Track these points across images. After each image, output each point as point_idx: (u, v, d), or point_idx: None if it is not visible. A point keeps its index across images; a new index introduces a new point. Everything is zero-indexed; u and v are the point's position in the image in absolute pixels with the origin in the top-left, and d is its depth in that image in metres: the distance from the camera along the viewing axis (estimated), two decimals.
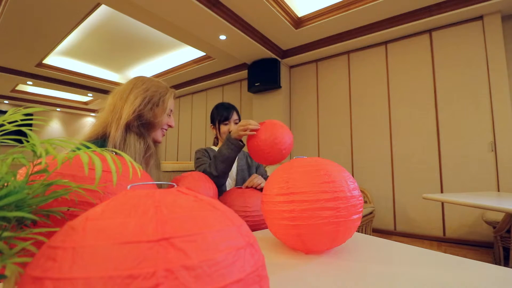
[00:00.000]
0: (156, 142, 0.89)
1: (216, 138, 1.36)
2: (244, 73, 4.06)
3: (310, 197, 0.50)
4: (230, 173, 1.21)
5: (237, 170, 1.23)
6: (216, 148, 1.30)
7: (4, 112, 4.64)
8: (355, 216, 0.52)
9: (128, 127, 0.78)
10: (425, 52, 2.81)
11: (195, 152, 1.27)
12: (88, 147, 0.30)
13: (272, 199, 0.55)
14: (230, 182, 1.21)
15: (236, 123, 1.26)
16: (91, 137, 0.78)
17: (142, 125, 0.81)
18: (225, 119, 1.24)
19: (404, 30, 2.83)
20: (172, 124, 0.91)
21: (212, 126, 1.31)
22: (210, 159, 1.19)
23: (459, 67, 2.60)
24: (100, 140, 0.77)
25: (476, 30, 2.55)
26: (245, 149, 1.31)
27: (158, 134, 0.87)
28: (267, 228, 0.83)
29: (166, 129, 0.90)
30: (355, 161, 3.19)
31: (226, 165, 1.00)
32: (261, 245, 0.62)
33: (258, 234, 0.73)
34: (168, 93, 0.86)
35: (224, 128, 1.25)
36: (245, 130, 0.93)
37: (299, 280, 0.43)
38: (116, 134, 0.75)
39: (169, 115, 0.89)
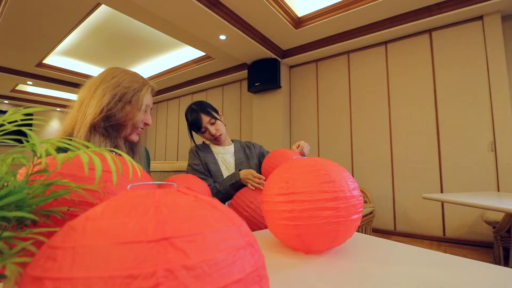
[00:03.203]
0: (129, 142, 0.81)
1: None
2: (244, 73, 4.06)
3: (310, 197, 0.50)
4: (228, 166, 1.18)
5: (235, 163, 1.19)
6: (211, 144, 1.23)
7: (4, 112, 4.64)
8: (355, 216, 0.52)
9: (93, 128, 0.70)
10: (425, 52, 2.81)
11: (189, 153, 1.21)
12: (84, 145, 0.30)
13: (272, 199, 0.55)
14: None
15: (212, 124, 1.15)
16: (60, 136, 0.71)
17: (110, 126, 0.72)
18: (199, 129, 1.16)
19: (404, 30, 2.83)
20: (149, 122, 0.80)
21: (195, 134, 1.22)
22: (201, 162, 1.15)
23: (459, 67, 2.60)
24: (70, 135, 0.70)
25: (476, 30, 2.55)
26: (242, 139, 1.29)
27: (131, 134, 0.78)
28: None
29: (142, 128, 0.80)
30: (355, 161, 3.19)
31: (225, 198, 1.05)
32: (261, 245, 0.62)
33: (258, 234, 0.73)
34: (144, 89, 0.75)
35: (205, 136, 1.18)
36: (250, 183, 0.97)
37: (299, 280, 0.43)
38: (78, 134, 0.68)
39: (145, 112, 0.79)
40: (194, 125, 1.15)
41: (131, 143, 0.82)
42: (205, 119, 1.14)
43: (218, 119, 1.18)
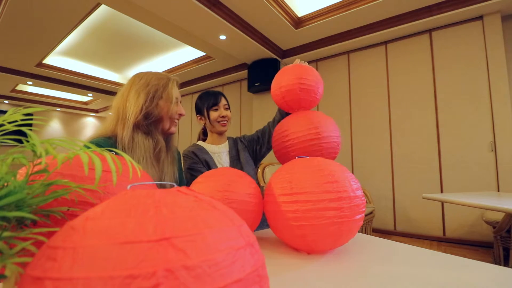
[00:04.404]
0: (170, 134, 0.86)
1: (203, 131, 1.25)
2: (244, 73, 4.06)
3: (314, 197, 0.49)
4: (223, 166, 1.14)
5: (230, 162, 1.16)
6: (204, 144, 1.19)
7: (4, 112, 4.64)
8: (358, 216, 0.52)
9: (136, 127, 0.76)
10: (425, 52, 2.81)
11: (183, 157, 1.14)
12: (100, 146, 0.30)
13: (275, 199, 0.54)
14: None
15: (226, 109, 1.17)
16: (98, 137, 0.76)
17: (150, 124, 0.78)
18: (214, 104, 1.13)
19: (404, 30, 2.83)
20: (182, 112, 0.86)
21: (199, 117, 1.19)
22: (202, 163, 1.10)
23: (459, 67, 2.60)
24: (111, 139, 0.74)
25: (476, 30, 2.55)
26: (236, 133, 1.27)
27: (169, 126, 0.84)
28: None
29: (178, 119, 0.86)
30: (355, 161, 3.19)
31: None
32: (262, 245, 0.62)
33: (259, 234, 0.73)
34: (170, 83, 0.82)
35: (214, 114, 1.14)
36: None
37: (301, 280, 0.43)
38: (123, 134, 0.73)
39: (177, 104, 0.85)
40: (213, 98, 1.14)
41: (171, 134, 0.87)
42: (224, 101, 1.17)
43: (230, 111, 1.21)
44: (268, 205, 0.57)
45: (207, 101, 1.15)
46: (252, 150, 1.22)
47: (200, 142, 1.21)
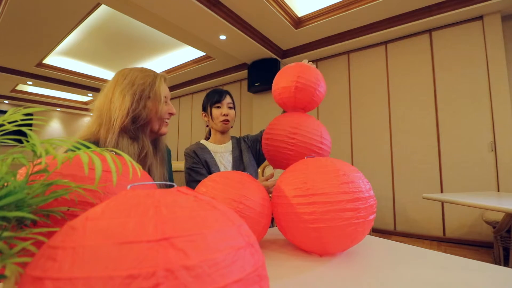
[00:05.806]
0: (160, 135, 0.82)
1: (209, 130, 1.25)
2: (244, 73, 4.06)
3: (331, 198, 0.48)
4: (226, 166, 1.15)
5: (232, 162, 1.16)
6: (207, 143, 1.19)
7: (4, 112, 4.64)
8: (372, 216, 0.51)
9: (123, 131, 0.71)
10: (425, 52, 2.81)
11: (185, 156, 1.15)
12: (86, 146, 0.30)
13: (287, 201, 0.52)
14: None
15: (230, 108, 1.16)
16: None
17: (138, 128, 0.74)
18: (217, 102, 1.13)
19: (404, 30, 2.83)
20: (173, 111, 0.82)
21: (204, 114, 1.19)
22: (202, 164, 1.10)
23: (459, 67, 2.60)
24: (94, 142, 0.70)
25: (476, 30, 2.55)
26: (236, 133, 1.27)
27: (159, 127, 0.79)
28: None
29: (168, 118, 0.81)
30: (355, 161, 3.19)
31: None
32: (270, 246, 0.62)
33: (266, 235, 0.72)
34: (157, 80, 0.76)
35: (216, 112, 1.13)
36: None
37: (310, 284, 0.43)
38: (107, 139, 0.69)
39: (166, 102, 0.79)
40: (217, 95, 1.14)
41: (162, 135, 0.83)
42: (228, 99, 1.16)
43: (234, 111, 1.20)
44: (279, 207, 0.55)
45: (211, 98, 1.14)
46: (255, 151, 1.22)
47: (203, 141, 1.21)
